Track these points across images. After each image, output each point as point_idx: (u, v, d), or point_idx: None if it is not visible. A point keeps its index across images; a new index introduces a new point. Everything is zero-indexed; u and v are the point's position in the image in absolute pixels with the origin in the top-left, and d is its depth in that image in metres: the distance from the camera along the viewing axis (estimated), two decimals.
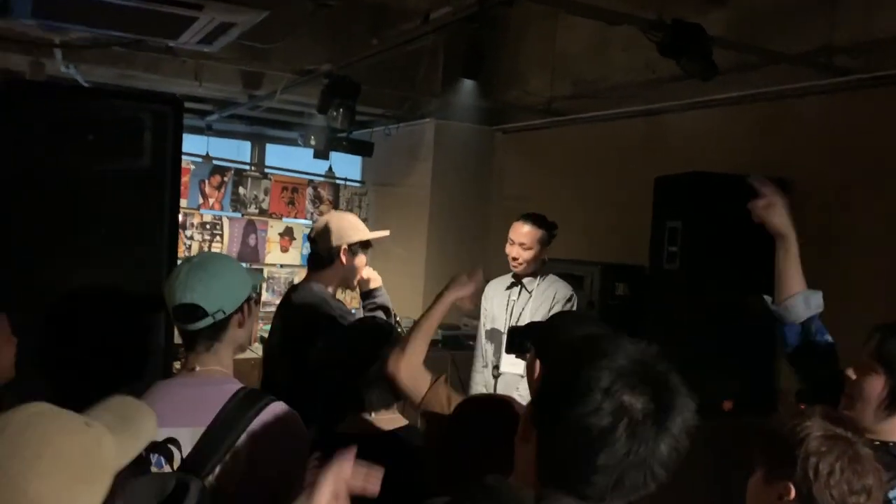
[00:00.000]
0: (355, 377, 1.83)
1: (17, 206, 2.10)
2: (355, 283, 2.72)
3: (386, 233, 2.84)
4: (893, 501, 1.45)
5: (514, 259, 3.30)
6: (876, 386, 1.62)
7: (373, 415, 1.84)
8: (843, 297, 3.04)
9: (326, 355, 1.94)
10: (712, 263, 3.51)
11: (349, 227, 2.66)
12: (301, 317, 2.54)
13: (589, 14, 3.41)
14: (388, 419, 1.85)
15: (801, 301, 1.92)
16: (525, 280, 3.36)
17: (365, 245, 2.68)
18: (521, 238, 3.29)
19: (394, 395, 1.85)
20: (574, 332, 1.54)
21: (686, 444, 0.94)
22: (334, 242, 2.60)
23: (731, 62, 3.58)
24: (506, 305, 3.41)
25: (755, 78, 3.69)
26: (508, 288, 3.42)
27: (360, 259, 2.67)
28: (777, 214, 1.99)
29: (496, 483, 0.86)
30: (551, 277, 3.37)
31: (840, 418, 1.39)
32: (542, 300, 3.30)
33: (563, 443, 0.93)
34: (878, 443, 1.54)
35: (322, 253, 2.63)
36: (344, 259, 2.61)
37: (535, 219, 3.32)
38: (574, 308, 3.28)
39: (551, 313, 3.17)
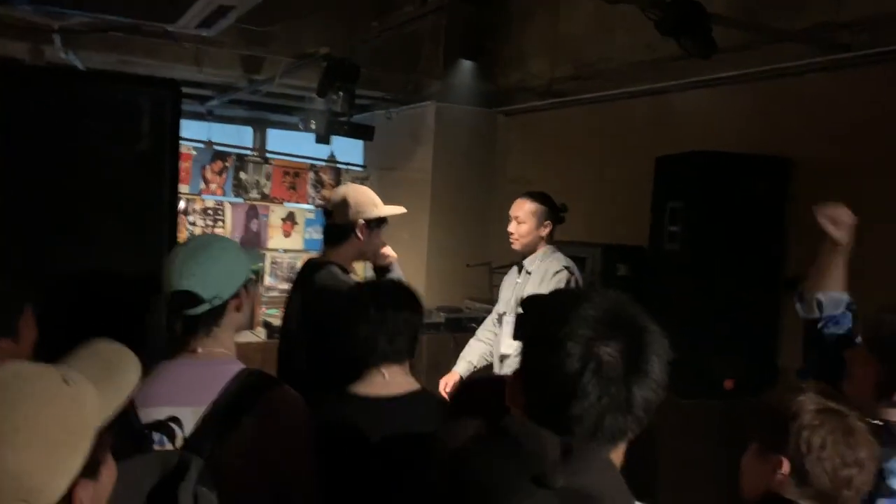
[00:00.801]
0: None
1: (15, 190, 2.11)
2: (372, 258, 2.67)
3: (402, 209, 2.75)
4: (886, 474, 1.46)
5: (511, 235, 3.28)
6: (868, 371, 1.62)
7: (385, 374, 1.85)
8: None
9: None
10: (713, 243, 3.51)
11: (367, 202, 2.58)
12: (324, 301, 2.47)
13: None
14: (401, 382, 1.87)
15: (830, 301, 1.92)
16: (526, 262, 3.31)
17: (381, 221, 2.62)
18: (516, 211, 3.26)
19: (409, 350, 1.89)
20: None
21: (665, 381, 0.95)
22: (351, 217, 2.53)
23: (732, 40, 3.55)
24: (512, 290, 3.37)
25: (757, 56, 3.66)
26: (518, 273, 3.38)
27: (377, 234, 2.60)
28: (839, 228, 1.93)
29: (513, 424, 0.87)
30: (552, 256, 3.29)
31: (834, 393, 1.39)
32: (538, 279, 3.25)
33: (541, 395, 0.95)
34: (881, 423, 1.53)
35: (338, 227, 2.57)
36: (361, 235, 2.54)
37: (533, 194, 3.27)
38: (567, 278, 3.16)
39: (541, 288, 3.14)
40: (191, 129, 6.02)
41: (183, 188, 5.62)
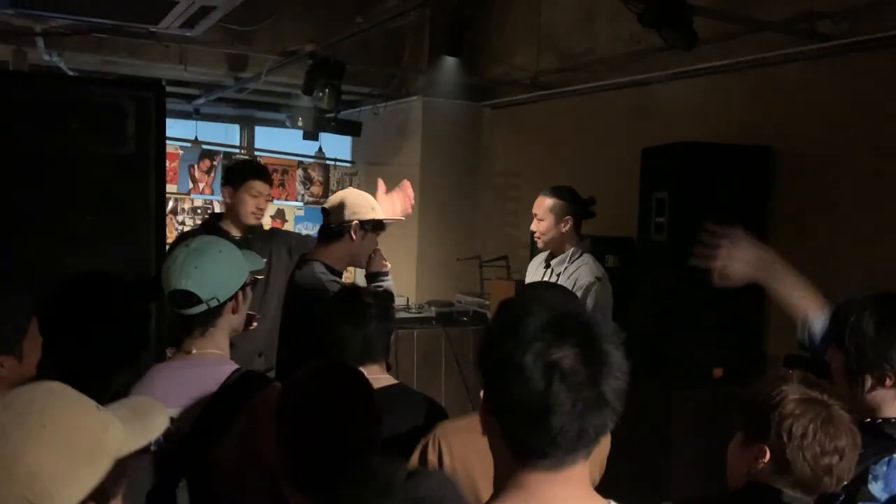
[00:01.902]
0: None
1: (1, 194, 2.11)
2: (364, 263, 2.64)
3: (400, 217, 2.75)
4: (870, 478, 1.45)
5: (533, 233, 3.10)
6: (837, 362, 1.59)
7: (365, 371, 1.88)
8: (826, 264, 3.09)
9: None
10: (699, 233, 3.53)
11: (365, 204, 2.59)
12: (299, 298, 2.52)
13: None
14: (380, 378, 1.90)
15: (818, 325, 1.79)
16: (553, 262, 3.08)
17: (378, 226, 2.61)
18: (536, 209, 3.06)
19: (385, 351, 1.98)
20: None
21: (627, 365, 0.95)
22: (346, 217, 2.54)
23: (714, 31, 3.58)
24: None
25: (739, 47, 3.69)
26: (544, 268, 3.18)
27: (371, 239, 2.60)
28: (739, 265, 1.83)
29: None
30: (581, 260, 3.02)
31: (818, 383, 1.41)
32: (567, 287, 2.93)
33: (516, 420, 0.94)
34: (868, 421, 1.51)
35: (332, 227, 2.57)
36: (354, 236, 2.54)
37: (553, 189, 3.07)
38: (598, 292, 2.91)
39: None
40: (178, 128, 6.00)
41: (171, 188, 5.61)
